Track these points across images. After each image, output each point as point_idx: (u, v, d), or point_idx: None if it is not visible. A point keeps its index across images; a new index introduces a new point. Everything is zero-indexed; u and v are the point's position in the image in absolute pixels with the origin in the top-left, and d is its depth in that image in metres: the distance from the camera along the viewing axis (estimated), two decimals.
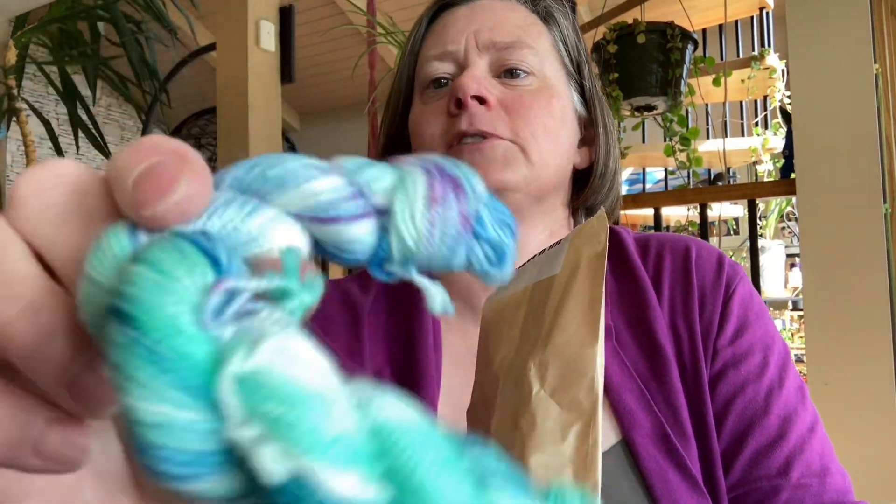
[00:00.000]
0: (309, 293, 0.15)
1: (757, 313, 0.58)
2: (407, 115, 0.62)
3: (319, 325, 0.57)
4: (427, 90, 0.59)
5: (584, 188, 0.63)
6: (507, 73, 0.57)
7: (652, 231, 1.97)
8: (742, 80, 2.50)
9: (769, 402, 0.53)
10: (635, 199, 2.10)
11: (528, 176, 0.55)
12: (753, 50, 2.71)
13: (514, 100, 0.56)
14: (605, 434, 0.53)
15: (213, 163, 3.29)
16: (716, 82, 2.34)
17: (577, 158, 0.62)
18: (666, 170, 2.88)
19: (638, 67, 2.22)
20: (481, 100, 0.55)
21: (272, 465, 0.12)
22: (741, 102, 2.93)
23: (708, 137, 2.94)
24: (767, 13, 2.71)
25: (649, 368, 0.55)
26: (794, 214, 3.32)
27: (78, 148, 3.43)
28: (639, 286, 0.59)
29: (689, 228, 2.32)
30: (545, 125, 0.56)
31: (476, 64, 0.57)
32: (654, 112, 2.35)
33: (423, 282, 0.19)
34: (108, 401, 0.16)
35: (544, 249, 0.46)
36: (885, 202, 1.55)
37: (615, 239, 0.64)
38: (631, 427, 0.52)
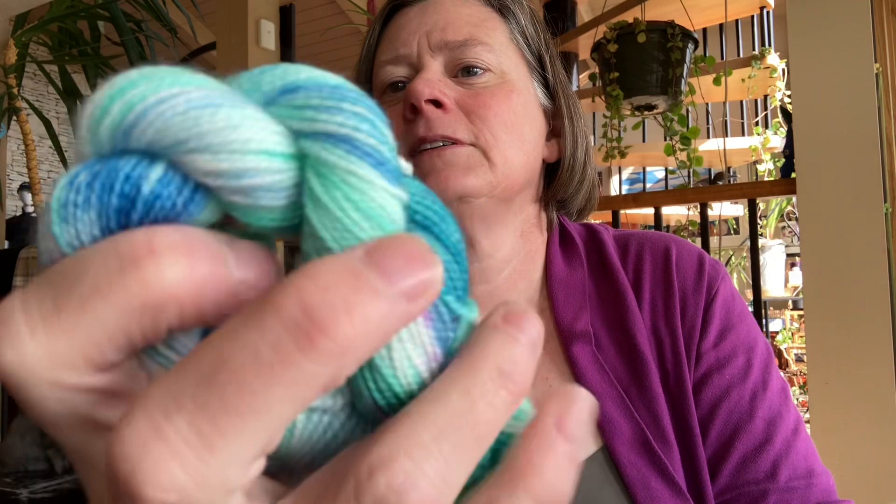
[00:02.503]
0: None
1: (739, 314, 0.57)
2: None
3: None
4: (385, 95, 0.58)
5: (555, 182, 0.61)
6: (464, 71, 0.55)
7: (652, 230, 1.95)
8: (742, 80, 2.50)
9: (754, 406, 0.53)
10: (635, 199, 2.09)
11: (492, 180, 0.53)
12: (754, 49, 2.71)
13: (471, 99, 0.54)
14: (586, 441, 0.53)
15: None
16: (716, 81, 2.33)
17: (545, 152, 0.60)
18: (666, 169, 2.88)
19: (638, 67, 2.22)
20: (437, 103, 0.52)
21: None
22: (741, 102, 2.93)
23: (708, 137, 2.94)
24: (768, 12, 2.71)
25: (629, 373, 0.54)
26: (795, 214, 3.32)
27: None
28: (618, 288, 0.58)
29: (690, 228, 2.32)
30: (506, 122, 0.54)
31: (429, 66, 0.55)
32: (655, 111, 2.34)
33: None
34: None
35: None
36: (885, 202, 1.55)
37: (594, 238, 0.63)
38: (612, 435, 0.52)
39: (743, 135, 2.94)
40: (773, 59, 2.46)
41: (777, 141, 2.53)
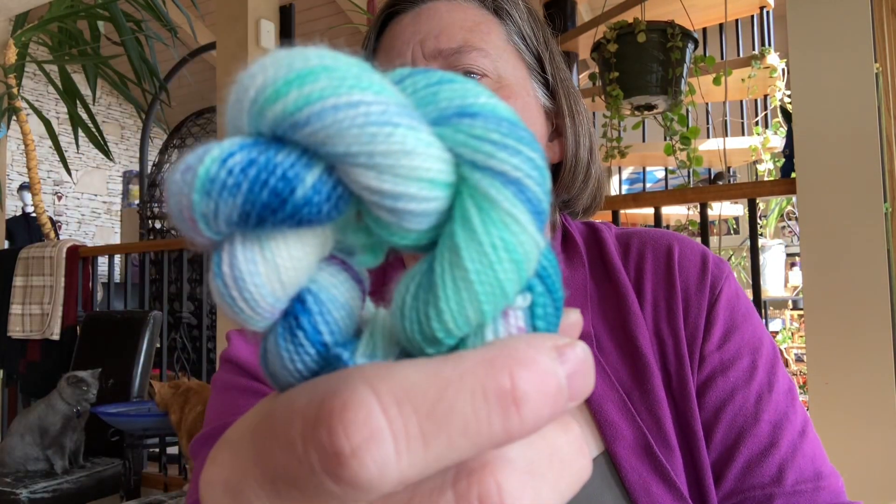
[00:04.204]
0: None
1: (744, 314, 0.56)
2: None
3: None
4: None
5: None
6: None
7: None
8: (742, 80, 2.50)
9: (759, 409, 0.52)
10: (635, 199, 2.09)
11: None
12: (754, 49, 2.71)
13: None
14: (588, 445, 0.52)
15: None
16: (716, 81, 2.33)
17: (548, 153, 0.59)
18: (666, 169, 2.88)
19: (638, 66, 2.22)
20: None
21: None
22: (741, 101, 2.93)
23: (708, 137, 2.94)
24: (768, 12, 2.71)
25: (632, 376, 0.53)
26: (795, 213, 3.32)
27: (78, 147, 3.44)
28: (620, 289, 0.57)
29: (690, 228, 2.32)
30: None
31: None
32: (655, 111, 2.35)
33: None
34: None
35: None
36: (885, 202, 1.55)
37: (596, 238, 0.62)
38: (613, 439, 0.51)
39: (743, 135, 2.94)
40: (773, 58, 2.46)
41: (777, 141, 2.53)
